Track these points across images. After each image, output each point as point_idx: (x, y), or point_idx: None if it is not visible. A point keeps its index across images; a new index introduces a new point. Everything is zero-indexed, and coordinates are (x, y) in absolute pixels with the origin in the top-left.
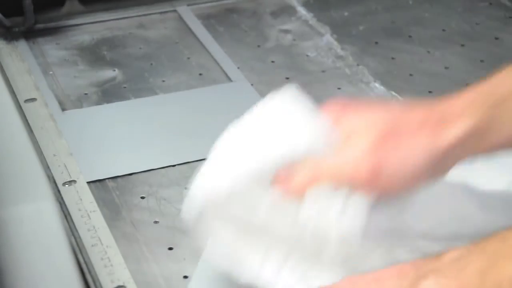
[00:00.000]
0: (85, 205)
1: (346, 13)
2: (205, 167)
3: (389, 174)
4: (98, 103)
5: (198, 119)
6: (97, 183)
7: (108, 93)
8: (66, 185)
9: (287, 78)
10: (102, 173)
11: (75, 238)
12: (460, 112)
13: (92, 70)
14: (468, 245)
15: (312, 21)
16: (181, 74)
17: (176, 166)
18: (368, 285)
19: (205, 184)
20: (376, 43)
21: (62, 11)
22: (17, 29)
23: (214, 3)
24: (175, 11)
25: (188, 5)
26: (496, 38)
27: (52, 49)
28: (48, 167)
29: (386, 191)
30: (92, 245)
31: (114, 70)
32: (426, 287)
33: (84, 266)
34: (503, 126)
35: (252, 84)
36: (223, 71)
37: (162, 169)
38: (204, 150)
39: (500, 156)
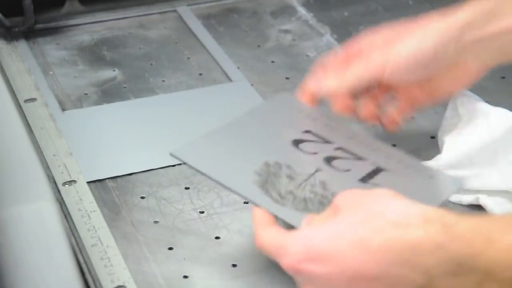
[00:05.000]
0: (85, 205)
1: (346, 13)
2: None
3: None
4: (98, 103)
5: (198, 119)
6: (97, 183)
7: (108, 93)
8: (66, 185)
9: (287, 78)
10: (102, 173)
11: (75, 238)
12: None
13: (92, 70)
14: None
15: (312, 21)
16: (181, 74)
17: (176, 166)
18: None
19: None
20: None
21: (62, 11)
22: (17, 29)
23: (214, 3)
24: (175, 11)
25: (188, 5)
26: None
27: (52, 49)
28: (48, 167)
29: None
30: (92, 245)
31: (114, 70)
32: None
33: (84, 266)
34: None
35: (252, 84)
36: (223, 71)
37: (162, 169)
38: None
39: None
